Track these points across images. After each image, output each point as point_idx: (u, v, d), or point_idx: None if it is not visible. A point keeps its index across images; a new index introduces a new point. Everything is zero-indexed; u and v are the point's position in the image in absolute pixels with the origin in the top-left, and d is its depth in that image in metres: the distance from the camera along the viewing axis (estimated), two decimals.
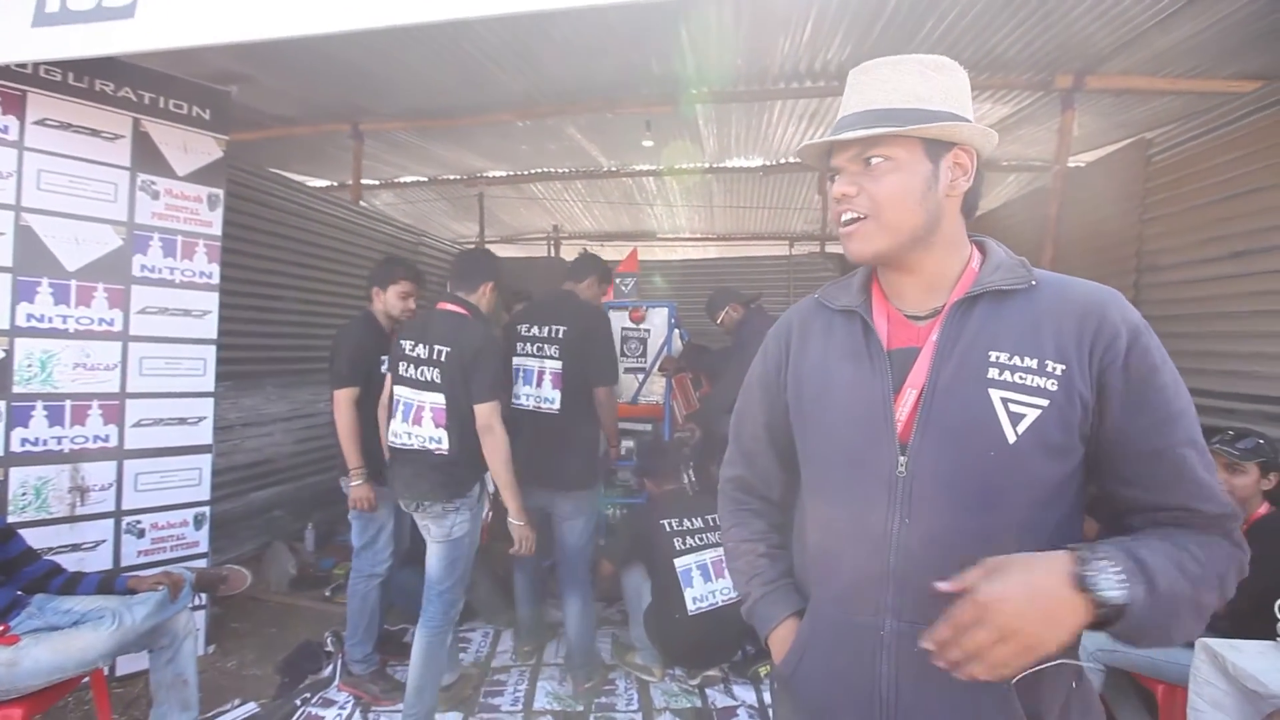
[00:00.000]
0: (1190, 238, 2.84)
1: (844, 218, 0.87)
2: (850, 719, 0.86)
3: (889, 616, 0.83)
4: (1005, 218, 4.73)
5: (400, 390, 2.33)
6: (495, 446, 2.20)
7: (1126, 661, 2.07)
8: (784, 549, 1.06)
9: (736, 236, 8.53)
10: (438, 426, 2.25)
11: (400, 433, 2.32)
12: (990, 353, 0.81)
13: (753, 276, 7.21)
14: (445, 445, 2.24)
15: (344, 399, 2.58)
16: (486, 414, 2.19)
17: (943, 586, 0.70)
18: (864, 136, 0.83)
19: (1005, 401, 0.79)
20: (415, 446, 2.28)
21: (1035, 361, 0.79)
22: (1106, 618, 0.68)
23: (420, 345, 2.28)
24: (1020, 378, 0.79)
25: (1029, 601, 0.66)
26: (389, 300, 2.74)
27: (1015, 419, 0.78)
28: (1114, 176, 3.36)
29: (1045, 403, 0.78)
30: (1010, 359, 0.80)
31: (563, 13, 1.79)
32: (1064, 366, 0.79)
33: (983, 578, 0.68)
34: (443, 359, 2.23)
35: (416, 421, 2.29)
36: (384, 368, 2.65)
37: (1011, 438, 0.78)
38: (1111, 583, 0.67)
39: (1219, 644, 1.68)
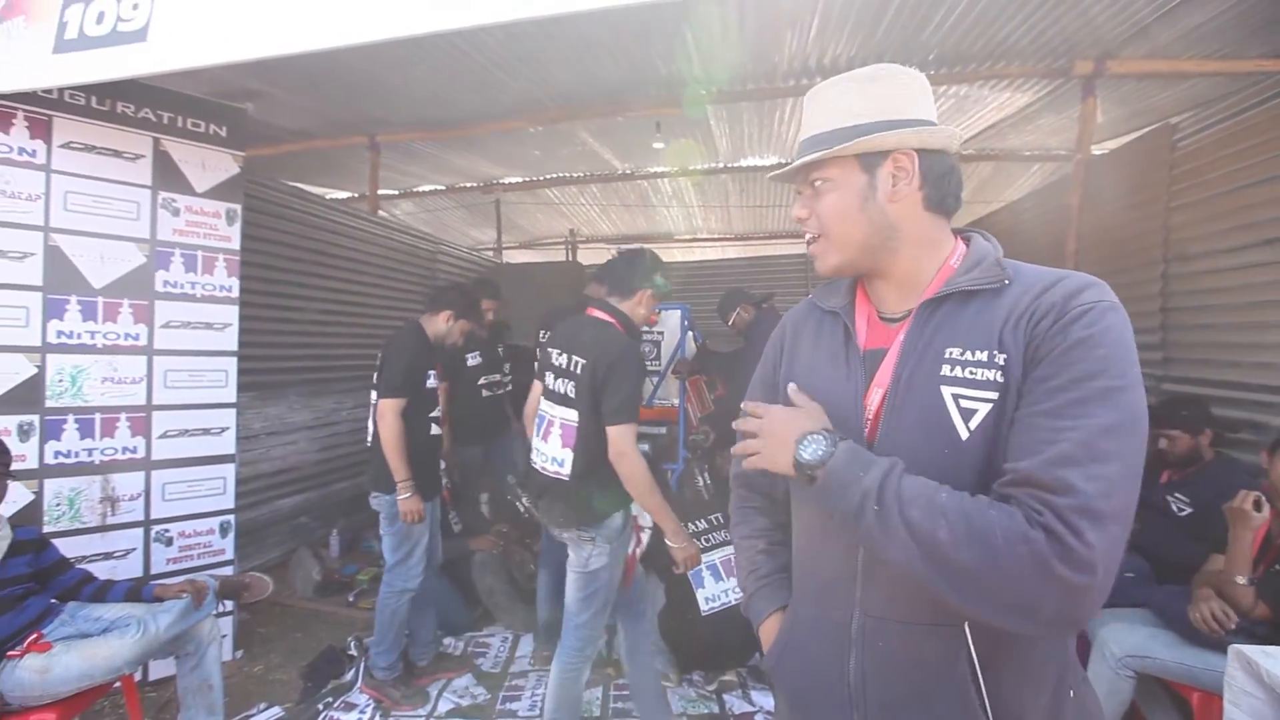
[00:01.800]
0: (1220, 225, 2.73)
1: (806, 237, 0.94)
2: (824, 710, 0.89)
3: (857, 611, 0.86)
4: (1026, 209, 4.61)
5: (542, 403, 2.19)
6: (630, 474, 1.95)
7: (1159, 668, 1.99)
8: (784, 545, 1.09)
9: (755, 236, 8.47)
10: (563, 446, 2.06)
11: (533, 449, 2.20)
12: (946, 349, 0.81)
13: (770, 276, 7.15)
14: (566, 469, 2.04)
15: (391, 409, 2.52)
16: (618, 438, 1.94)
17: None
18: (800, 167, 0.90)
19: (957, 398, 0.79)
20: (537, 466, 2.16)
21: (985, 354, 0.78)
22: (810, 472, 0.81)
23: (564, 354, 2.09)
24: (970, 373, 0.78)
25: (776, 429, 0.86)
26: (454, 330, 2.77)
27: (967, 415, 0.78)
28: (1138, 164, 3.25)
29: (995, 396, 0.76)
30: (963, 354, 0.80)
31: (566, 17, 1.79)
32: (1006, 355, 0.77)
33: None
34: (578, 371, 2.02)
35: (544, 438, 2.13)
36: (430, 382, 2.68)
37: (964, 434, 0.77)
38: (807, 451, 0.81)
39: (1254, 651, 1.60)
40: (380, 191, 5.49)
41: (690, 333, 4.15)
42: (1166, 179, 3.02)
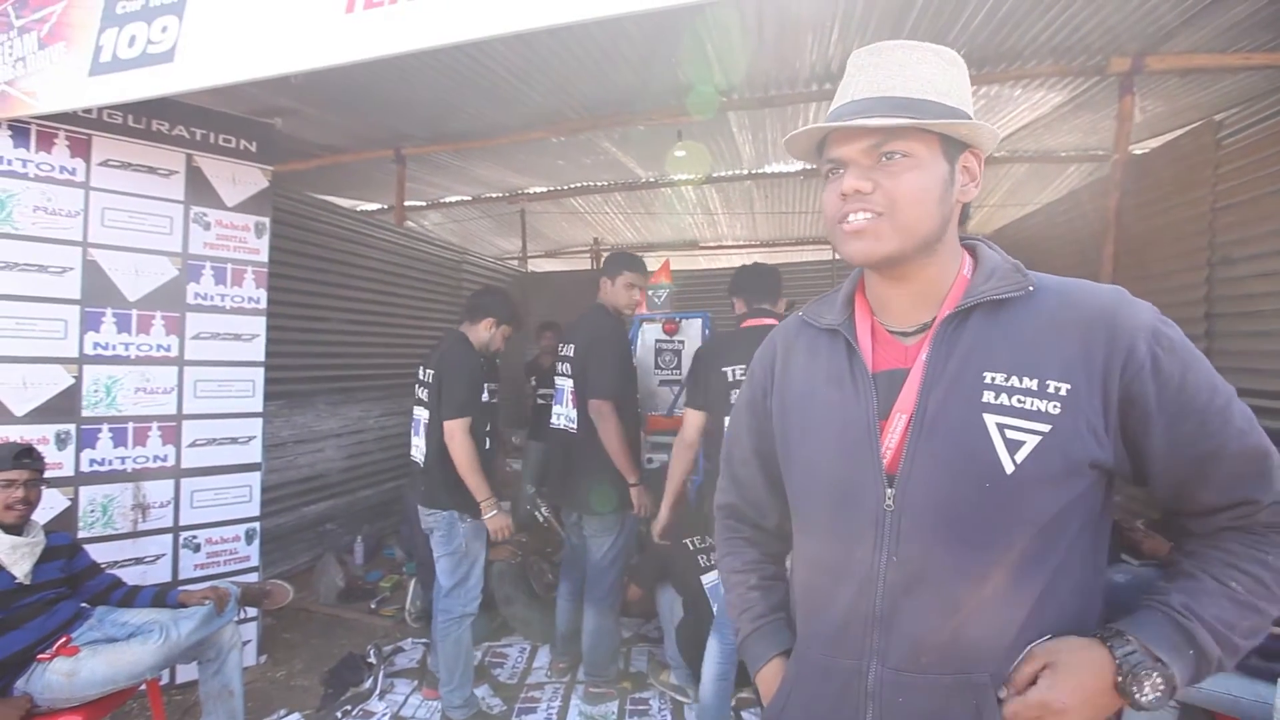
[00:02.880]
0: (1268, 227, 2.57)
1: (855, 215, 0.77)
2: None
3: (875, 661, 0.77)
4: (1062, 212, 4.44)
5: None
6: None
7: (1204, 698, 1.87)
8: (778, 580, 1.01)
9: (780, 242, 8.38)
10: None
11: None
12: (985, 373, 0.74)
13: (795, 282, 7.06)
14: None
15: (460, 428, 2.41)
16: None
17: (1004, 696, 0.74)
18: (890, 125, 0.74)
19: (1002, 428, 0.72)
20: None
21: (1035, 382, 0.72)
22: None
23: (742, 366, 2.20)
24: (1018, 401, 0.72)
25: (1082, 705, 0.71)
26: (497, 338, 2.69)
27: (1013, 447, 0.71)
28: (1180, 163, 3.10)
29: (1047, 428, 0.71)
30: (1007, 380, 0.73)
31: (581, 26, 1.80)
32: (1069, 385, 0.71)
33: (1040, 677, 0.72)
34: None
35: None
36: (485, 395, 2.59)
37: (1009, 468, 0.71)
38: (1146, 691, 0.69)
39: None
40: (407, 203, 5.61)
41: None
42: (1211, 178, 2.88)
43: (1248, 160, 2.71)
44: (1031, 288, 0.77)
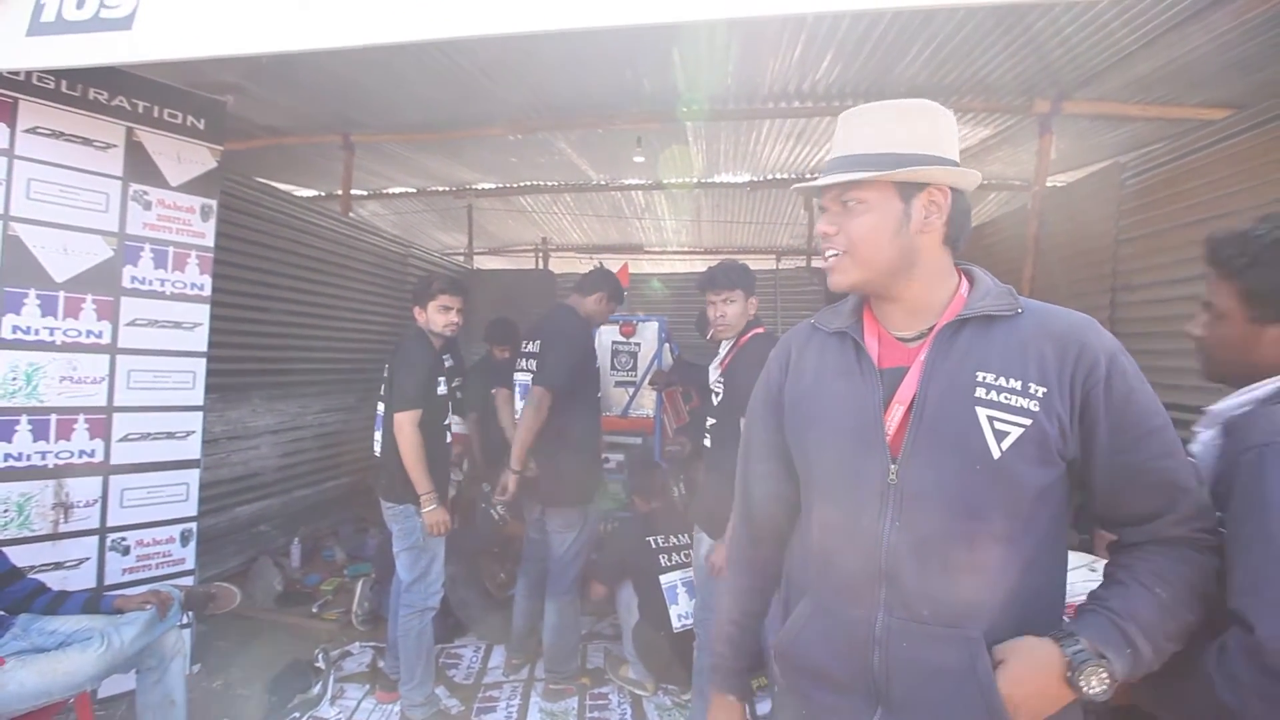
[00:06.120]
0: (1162, 259, 2.95)
1: (826, 253, 0.97)
2: (845, 699, 0.93)
3: (881, 611, 0.89)
4: (987, 235, 4.85)
5: None
6: None
7: None
8: (757, 616, 1.16)
9: (724, 250, 8.60)
10: None
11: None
12: (978, 373, 0.88)
13: None
14: None
15: (410, 421, 2.43)
16: None
17: None
18: (837, 183, 0.92)
19: (991, 419, 0.85)
20: None
21: (1019, 383, 0.86)
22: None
23: None
24: (1005, 397, 0.86)
25: (1034, 696, 0.82)
26: (431, 317, 2.61)
27: (1000, 436, 0.85)
28: (1090, 198, 3.48)
29: (1028, 422, 0.84)
30: (996, 379, 0.87)
31: (557, 31, 1.83)
32: (1045, 389, 0.85)
33: (996, 671, 0.83)
34: None
35: None
36: (440, 389, 2.58)
37: (996, 453, 0.84)
38: (1093, 684, 0.80)
39: None
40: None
41: (667, 344, 4.20)
42: (1115, 214, 3.25)
43: (1145, 200, 3.08)
44: (1020, 310, 0.91)
